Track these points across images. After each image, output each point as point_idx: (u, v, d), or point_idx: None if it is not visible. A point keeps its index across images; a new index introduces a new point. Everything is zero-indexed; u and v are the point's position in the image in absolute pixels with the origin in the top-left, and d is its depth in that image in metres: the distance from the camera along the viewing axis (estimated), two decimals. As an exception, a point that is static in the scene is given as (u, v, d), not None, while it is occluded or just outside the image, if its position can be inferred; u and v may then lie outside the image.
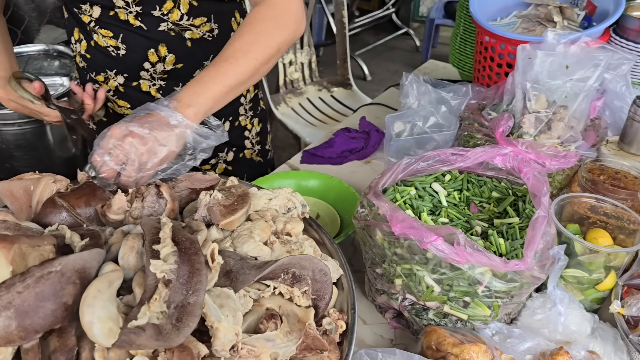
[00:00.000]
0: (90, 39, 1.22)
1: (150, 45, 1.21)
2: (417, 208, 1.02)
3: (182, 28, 1.21)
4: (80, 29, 1.23)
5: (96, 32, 1.20)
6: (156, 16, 1.17)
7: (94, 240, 0.70)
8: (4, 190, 0.91)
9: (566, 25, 1.48)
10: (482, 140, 1.19)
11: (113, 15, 1.17)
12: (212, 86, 0.96)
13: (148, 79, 1.27)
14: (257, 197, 0.91)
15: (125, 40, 1.20)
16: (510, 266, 0.84)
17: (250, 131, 1.53)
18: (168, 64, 1.24)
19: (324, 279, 0.75)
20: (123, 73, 1.25)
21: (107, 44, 1.21)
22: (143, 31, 1.19)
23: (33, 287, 0.57)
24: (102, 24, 1.19)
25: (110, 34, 1.20)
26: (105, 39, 1.20)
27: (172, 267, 0.63)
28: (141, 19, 1.17)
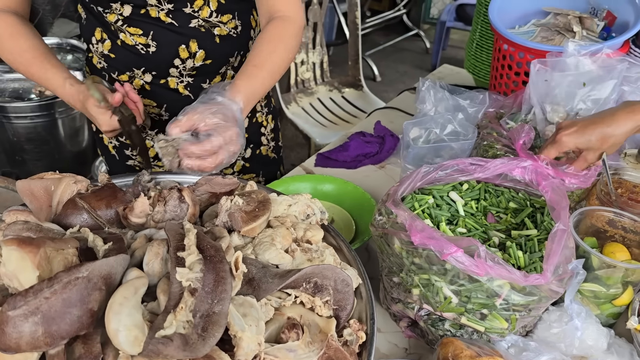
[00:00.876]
0: (116, 38, 1.22)
1: (182, 41, 1.22)
2: (436, 217, 1.02)
3: (212, 25, 1.23)
4: (104, 28, 1.23)
5: (123, 31, 1.20)
6: (187, 13, 1.19)
7: (117, 245, 0.70)
8: (23, 189, 0.91)
9: (585, 35, 1.47)
10: (501, 150, 1.19)
11: (144, 13, 1.18)
12: (257, 97, 1.12)
13: (176, 75, 1.27)
14: (277, 203, 0.91)
15: (156, 37, 1.21)
16: (530, 280, 0.84)
17: (266, 127, 1.56)
18: (198, 60, 1.26)
19: (345, 289, 0.75)
20: (151, 71, 1.26)
21: (136, 42, 1.21)
22: (174, 27, 1.20)
23: (60, 292, 0.57)
24: (132, 22, 1.19)
25: (139, 32, 1.20)
26: (133, 37, 1.21)
27: (197, 276, 0.63)
28: (172, 15, 1.19)
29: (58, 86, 1.17)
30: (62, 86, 1.16)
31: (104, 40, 1.24)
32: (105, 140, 1.41)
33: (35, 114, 2.40)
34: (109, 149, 1.42)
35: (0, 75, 2.51)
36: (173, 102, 1.29)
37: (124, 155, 1.41)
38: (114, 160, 1.44)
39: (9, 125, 2.41)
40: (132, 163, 1.42)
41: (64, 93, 1.17)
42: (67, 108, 2.45)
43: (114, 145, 1.40)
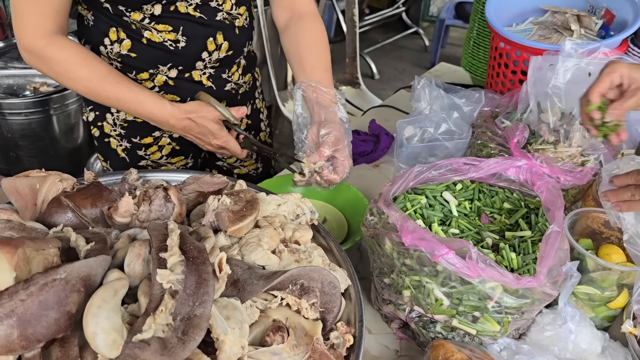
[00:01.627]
0: (140, 37, 1.20)
1: (210, 34, 1.24)
2: (428, 218, 1.00)
3: (233, 17, 1.27)
4: (123, 28, 1.19)
5: (149, 29, 1.19)
6: (213, 7, 1.22)
7: (99, 245, 0.68)
8: (9, 187, 0.89)
9: (583, 33, 1.45)
10: (495, 149, 1.17)
11: (173, 9, 1.18)
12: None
13: (201, 68, 1.28)
14: (266, 203, 0.89)
15: (186, 32, 1.21)
16: (523, 283, 0.82)
17: (263, 114, 1.58)
18: (222, 52, 1.28)
19: (333, 292, 0.74)
20: (178, 66, 1.26)
21: (165, 39, 1.20)
22: (204, 21, 1.22)
23: (37, 295, 0.55)
24: (160, 19, 1.18)
25: (169, 29, 1.20)
26: (162, 34, 1.20)
27: (179, 278, 0.61)
28: (200, 10, 1.21)
29: (157, 108, 1.16)
30: (162, 106, 1.16)
31: (121, 40, 1.21)
32: (113, 144, 1.38)
33: (29, 110, 2.38)
34: (117, 152, 1.40)
35: (-6, 72, 2.49)
36: (195, 93, 1.29)
37: (137, 157, 1.39)
38: (123, 163, 1.41)
39: (3, 121, 2.39)
40: (145, 163, 1.40)
41: (163, 113, 1.16)
42: (61, 104, 2.43)
43: (125, 147, 1.38)
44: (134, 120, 1.32)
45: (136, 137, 1.36)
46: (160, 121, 1.18)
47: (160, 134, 1.36)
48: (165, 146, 1.38)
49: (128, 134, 1.35)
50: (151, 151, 1.38)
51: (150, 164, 1.41)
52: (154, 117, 1.18)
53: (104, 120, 1.35)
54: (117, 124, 1.34)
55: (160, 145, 1.38)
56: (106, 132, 1.37)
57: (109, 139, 1.38)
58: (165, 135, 1.37)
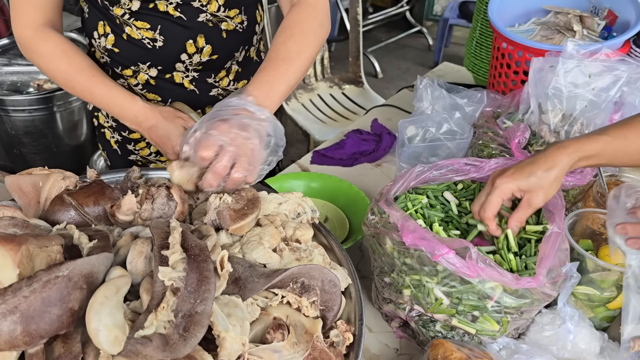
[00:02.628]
0: (122, 32, 1.20)
1: (189, 35, 1.21)
2: (429, 217, 1.01)
3: (219, 19, 1.23)
4: (108, 22, 1.20)
5: (130, 25, 1.18)
6: (195, 7, 1.19)
7: (102, 243, 0.69)
8: (12, 185, 0.90)
9: (585, 34, 1.45)
10: (496, 150, 1.17)
11: (152, 7, 1.17)
12: (278, 87, 1.02)
13: (182, 70, 1.26)
14: (267, 201, 0.90)
15: (164, 32, 1.19)
16: (523, 283, 0.83)
17: None
18: (205, 55, 1.25)
19: (333, 290, 0.74)
20: (157, 65, 1.24)
21: (143, 36, 1.20)
22: (183, 21, 1.19)
23: (40, 291, 0.56)
24: (139, 16, 1.18)
25: (147, 26, 1.19)
26: (140, 31, 1.19)
27: (180, 275, 0.62)
28: (181, 9, 1.18)
29: (127, 103, 1.15)
30: (132, 103, 1.15)
31: (107, 34, 1.22)
32: (107, 135, 1.40)
33: (33, 107, 2.39)
34: (111, 143, 1.41)
35: (-1, 68, 2.50)
36: (178, 96, 1.29)
37: (127, 150, 1.40)
38: (115, 155, 1.43)
39: (7, 118, 2.40)
40: (135, 158, 1.41)
41: (133, 110, 1.15)
42: (65, 102, 2.44)
43: (117, 140, 1.39)
44: None
45: (125, 131, 1.36)
46: (128, 117, 1.16)
47: None
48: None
49: (119, 127, 1.36)
50: (140, 147, 1.39)
51: (140, 160, 1.42)
52: (123, 113, 1.16)
53: (99, 111, 1.38)
54: (109, 115, 1.36)
55: (148, 142, 1.38)
56: (101, 123, 1.40)
57: (104, 130, 1.40)
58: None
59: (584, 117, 1.13)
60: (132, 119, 1.16)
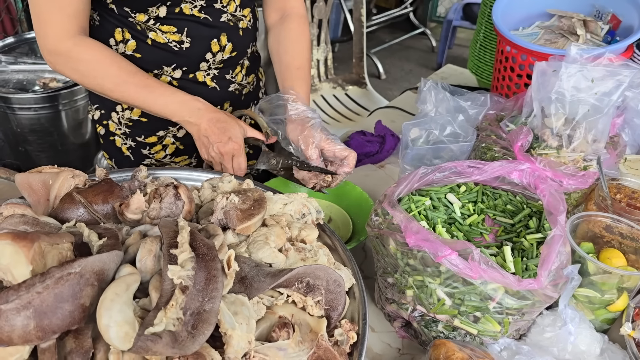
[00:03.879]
0: (145, 38, 1.21)
1: (214, 35, 1.26)
2: (432, 219, 1.02)
3: (237, 18, 1.30)
4: (128, 29, 1.21)
5: (154, 30, 1.21)
6: (217, 8, 1.24)
7: (112, 241, 0.70)
8: (22, 182, 0.91)
9: (589, 38, 1.46)
10: (499, 153, 1.19)
11: (178, 11, 1.20)
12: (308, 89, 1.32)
13: (205, 69, 1.31)
14: (273, 202, 0.91)
15: (190, 33, 1.23)
16: (524, 285, 0.84)
17: None
18: (226, 53, 1.31)
19: (337, 290, 0.75)
20: (182, 66, 1.27)
21: (169, 40, 1.22)
22: (208, 22, 1.24)
23: (52, 287, 0.57)
24: (165, 21, 1.20)
25: (173, 30, 1.22)
26: (166, 34, 1.21)
27: (189, 274, 0.63)
28: (205, 11, 1.23)
29: (188, 98, 1.17)
30: (194, 99, 1.18)
31: (126, 40, 1.22)
32: (118, 142, 1.40)
33: (39, 105, 2.41)
34: (122, 150, 1.42)
35: (5, 67, 2.52)
36: (201, 95, 1.29)
37: (141, 155, 1.41)
38: (127, 161, 1.43)
39: (13, 116, 2.42)
40: (149, 162, 1.42)
41: (196, 104, 1.17)
42: (70, 100, 2.46)
43: (130, 146, 1.40)
44: (139, 119, 1.34)
45: (141, 136, 1.37)
46: (191, 108, 1.17)
47: (164, 134, 1.38)
48: (169, 146, 1.40)
49: (133, 133, 1.37)
50: (155, 150, 1.40)
51: (154, 163, 1.43)
52: (185, 106, 1.17)
53: (109, 119, 1.37)
54: (122, 122, 1.36)
55: (164, 145, 1.40)
56: (111, 131, 1.39)
57: (114, 138, 1.40)
58: (169, 135, 1.39)
59: (587, 122, 1.14)
60: (195, 111, 1.17)
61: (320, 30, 2.98)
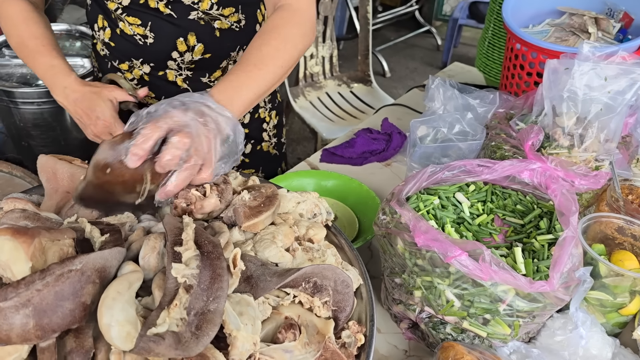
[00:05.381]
0: (116, 27, 1.20)
1: (180, 34, 1.19)
2: (441, 219, 1.00)
3: (212, 17, 1.20)
4: (105, 16, 1.21)
5: (122, 20, 1.18)
6: (187, 4, 1.16)
7: (114, 237, 0.69)
8: (46, 166, 0.88)
9: (600, 37, 1.44)
10: (509, 152, 1.16)
11: (143, 2, 1.15)
12: (244, 92, 0.92)
13: (175, 68, 1.25)
14: (286, 200, 0.89)
15: (154, 29, 1.18)
16: (536, 287, 0.82)
17: (268, 124, 1.53)
18: (196, 54, 1.23)
19: (345, 291, 0.73)
20: (149, 62, 1.24)
21: (134, 32, 1.19)
22: (173, 19, 1.17)
23: (53, 285, 0.56)
24: (130, 12, 1.17)
25: (138, 22, 1.18)
26: (132, 27, 1.18)
27: (193, 272, 0.61)
28: (171, 7, 1.16)
29: (62, 75, 1.14)
30: (67, 75, 1.14)
31: (104, 28, 1.23)
32: None
33: (42, 99, 2.39)
34: None
35: (8, 61, 2.50)
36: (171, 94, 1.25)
37: None
38: None
39: (16, 110, 2.40)
40: None
41: (64, 82, 1.14)
42: (74, 95, 2.44)
43: None
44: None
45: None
46: (59, 87, 1.14)
47: None
48: None
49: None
50: None
51: None
52: (55, 83, 1.14)
53: None
54: None
55: None
56: None
57: None
58: None
59: (599, 121, 1.11)
60: (61, 90, 1.14)
61: (326, 27, 2.96)
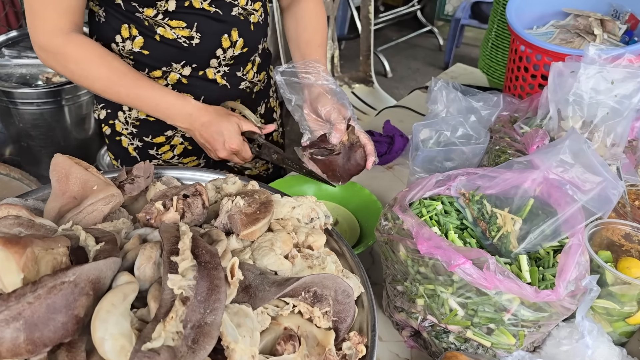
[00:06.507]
0: (153, 34, 1.17)
1: (225, 30, 1.22)
2: (444, 225, 0.98)
3: (248, 12, 1.24)
4: (135, 25, 1.17)
5: (162, 25, 1.16)
6: (228, 1, 1.19)
7: (109, 246, 0.67)
8: (60, 167, 0.85)
9: (606, 38, 1.42)
10: (514, 156, 1.14)
11: (188, 5, 1.15)
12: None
13: (215, 66, 1.26)
14: (280, 205, 0.87)
15: (200, 28, 1.18)
16: (542, 297, 0.80)
17: (276, 113, 1.57)
18: (237, 49, 1.26)
19: (346, 301, 0.72)
20: (192, 63, 1.23)
21: (178, 35, 1.17)
22: (219, 16, 1.19)
23: (45, 297, 0.54)
24: (174, 15, 1.16)
25: (183, 24, 1.17)
26: (175, 30, 1.17)
27: (190, 283, 0.60)
28: (215, 5, 1.18)
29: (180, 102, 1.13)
30: (186, 102, 1.14)
31: (133, 37, 1.18)
32: (124, 142, 1.37)
33: (41, 100, 2.38)
34: (129, 150, 1.38)
35: (8, 61, 2.48)
36: (211, 92, 1.27)
37: (148, 155, 1.37)
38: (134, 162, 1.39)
39: (15, 111, 2.39)
40: (156, 163, 1.38)
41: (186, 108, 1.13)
42: (74, 95, 2.43)
43: (137, 146, 1.36)
44: (146, 119, 1.31)
45: (148, 136, 1.33)
46: (181, 115, 1.13)
47: (172, 133, 1.34)
48: (177, 146, 1.36)
49: (140, 133, 1.33)
50: (163, 150, 1.36)
51: (162, 164, 1.39)
52: (176, 111, 1.13)
53: (116, 119, 1.33)
54: (129, 122, 1.32)
55: (172, 145, 1.36)
56: (117, 131, 1.35)
57: (120, 138, 1.36)
58: (177, 135, 1.35)
59: (605, 125, 1.09)
60: (185, 117, 1.13)
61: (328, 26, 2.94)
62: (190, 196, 0.81)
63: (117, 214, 0.89)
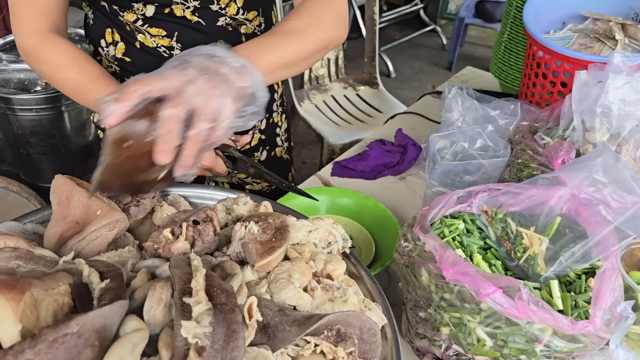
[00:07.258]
0: (134, 40, 1.11)
1: (208, 41, 1.10)
2: (468, 246, 0.93)
3: (238, 22, 1.15)
4: (118, 29, 1.11)
5: (143, 32, 1.10)
6: (214, 10, 1.10)
7: (115, 284, 0.61)
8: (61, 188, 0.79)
9: (627, 43, 1.36)
10: (537, 170, 1.09)
11: (168, 12, 1.08)
12: (272, 52, 0.88)
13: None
14: (296, 229, 0.82)
15: (181, 39, 1.11)
16: (579, 328, 0.75)
17: (281, 128, 1.49)
18: None
19: (372, 340, 0.66)
20: None
21: (158, 44, 1.11)
22: (201, 27, 1.11)
23: (45, 353, 0.48)
24: (154, 22, 1.09)
25: (162, 33, 1.10)
26: (155, 38, 1.10)
27: (206, 331, 0.54)
28: (199, 14, 1.09)
29: None
30: None
31: (116, 42, 1.13)
32: None
33: (40, 106, 2.32)
34: None
35: (6, 66, 2.43)
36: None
37: None
38: None
39: (14, 117, 2.33)
40: None
41: None
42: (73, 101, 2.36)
43: None
44: None
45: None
46: None
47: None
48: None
49: None
50: None
51: None
52: None
53: None
54: None
55: None
56: None
57: None
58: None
59: (634, 138, 1.04)
60: None
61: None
62: (201, 222, 0.76)
63: (123, 239, 0.84)
